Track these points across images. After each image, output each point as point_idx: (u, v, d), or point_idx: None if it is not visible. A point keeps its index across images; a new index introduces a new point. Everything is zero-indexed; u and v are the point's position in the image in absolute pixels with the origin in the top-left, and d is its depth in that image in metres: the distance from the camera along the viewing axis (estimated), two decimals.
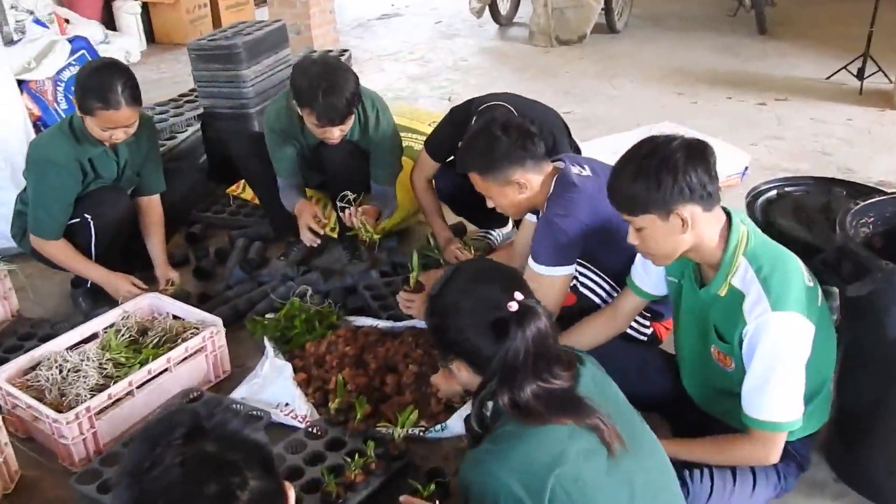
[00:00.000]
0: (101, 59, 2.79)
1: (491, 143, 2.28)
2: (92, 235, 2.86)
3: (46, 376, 2.36)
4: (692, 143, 1.72)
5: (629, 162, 1.75)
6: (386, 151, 3.12)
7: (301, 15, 6.36)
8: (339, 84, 2.70)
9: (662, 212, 1.72)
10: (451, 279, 1.58)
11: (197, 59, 3.90)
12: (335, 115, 2.73)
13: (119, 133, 2.71)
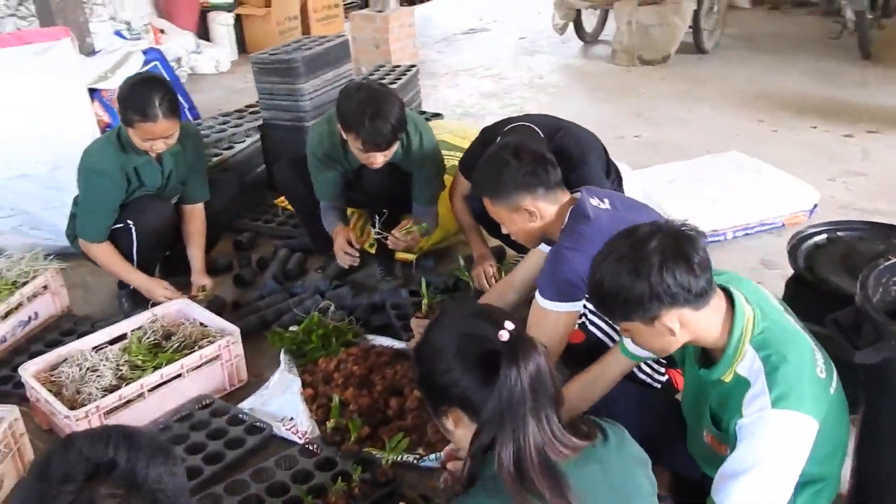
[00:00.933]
0: (140, 74, 2.92)
1: (500, 167, 2.23)
2: (134, 241, 2.99)
3: (68, 373, 2.49)
4: (673, 237, 1.58)
5: (605, 260, 1.63)
6: (429, 174, 3.11)
7: (380, 29, 6.47)
8: (385, 110, 2.70)
9: (645, 319, 1.60)
10: (436, 322, 1.49)
11: (259, 71, 4.03)
12: (381, 141, 2.74)
13: (159, 144, 2.83)
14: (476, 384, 1.36)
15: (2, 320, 2.91)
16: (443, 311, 1.55)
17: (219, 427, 2.44)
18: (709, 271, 1.58)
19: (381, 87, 2.80)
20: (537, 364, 1.35)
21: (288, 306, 3.02)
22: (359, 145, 2.74)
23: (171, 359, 2.56)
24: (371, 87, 2.77)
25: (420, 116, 3.16)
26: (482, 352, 1.36)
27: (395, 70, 5.04)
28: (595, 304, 1.72)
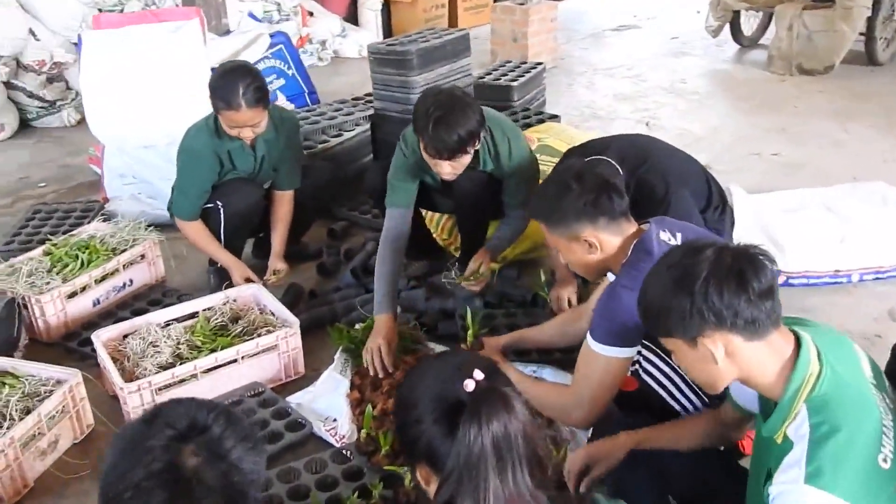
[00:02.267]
0: (230, 63, 2.96)
1: (560, 192, 2.03)
2: (221, 221, 3.07)
3: (133, 345, 2.58)
4: (733, 255, 1.41)
5: (654, 272, 1.50)
6: (520, 181, 2.95)
7: (519, 22, 6.31)
8: (454, 119, 2.55)
9: (686, 338, 1.44)
10: (413, 369, 1.41)
11: (374, 61, 4.03)
12: (443, 149, 2.59)
13: (246, 131, 2.87)
14: (440, 437, 1.25)
15: (97, 284, 3.08)
16: (422, 358, 1.44)
17: (263, 418, 2.44)
18: (769, 302, 1.40)
19: (461, 94, 2.65)
20: (504, 424, 1.22)
21: (360, 303, 2.99)
22: (423, 149, 2.64)
23: (228, 343, 2.60)
24: (449, 94, 2.63)
25: (511, 123, 3.00)
26: (448, 404, 1.25)
27: (519, 67, 4.91)
28: (640, 318, 1.55)
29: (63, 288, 2.94)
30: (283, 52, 4.36)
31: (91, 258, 3.11)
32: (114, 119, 3.85)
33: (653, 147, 2.89)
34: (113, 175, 3.97)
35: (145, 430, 1.14)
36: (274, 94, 4.29)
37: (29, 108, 5.45)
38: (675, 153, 2.94)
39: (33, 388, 2.39)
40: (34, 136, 5.40)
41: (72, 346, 2.89)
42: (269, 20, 6.54)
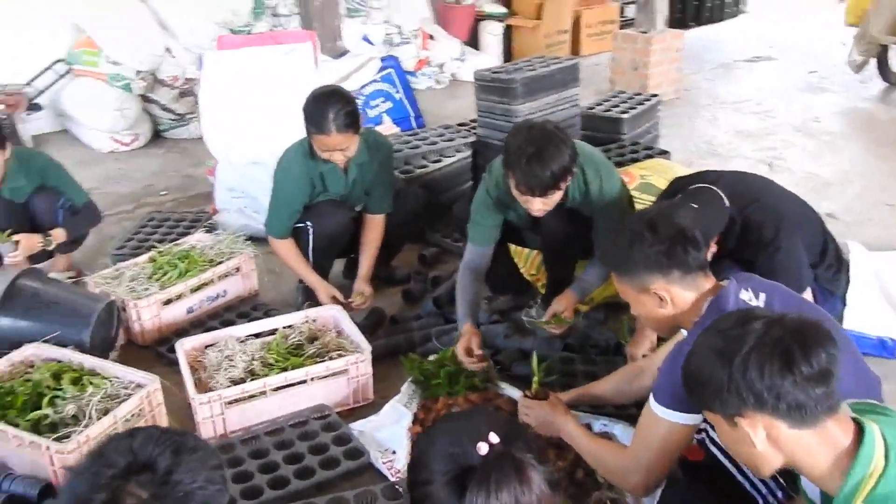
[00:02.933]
0: (323, 87, 3.01)
1: (632, 240, 1.91)
2: (310, 241, 3.13)
3: (211, 357, 2.66)
4: (786, 331, 1.29)
5: (703, 335, 1.39)
6: (610, 220, 2.84)
7: (641, 51, 6.14)
8: (547, 154, 2.48)
9: (724, 415, 1.33)
10: (430, 428, 1.39)
11: (479, 88, 4.01)
12: (535, 185, 2.52)
13: (336, 155, 2.92)
14: (447, 502, 1.19)
15: (192, 293, 3.21)
16: (444, 416, 1.38)
17: (323, 442, 2.45)
18: (822, 388, 1.26)
19: (553, 129, 2.57)
20: (515, 495, 1.15)
21: (437, 333, 2.95)
22: (514, 185, 2.57)
23: (300, 364, 2.63)
24: (542, 128, 2.56)
25: (604, 158, 2.89)
26: (459, 466, 1.20)
27: (633, 98, 4.76)
28: (682, 384, 1.44)
29: (159, 295, 3.09)
30: (393, 76, 4.43)
31: (189, 268, 3.24)
32: (226, 135, 4.02)
33: (767, 187, 2.69)
34: (223, 188, 4.15)
35: (85, 474, 1.12)
36: (380, 116, 4.37)
37: (162, 119, 5.82)
38: (791, 198, 2.73)
39: (115, 390, 2.50)
40: (164, 147, 5.75)
41: (162, 351, 3.02)
42: (390, 43, 6.70)
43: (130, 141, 5.65)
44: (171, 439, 1.17)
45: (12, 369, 2.62)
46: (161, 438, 1.17)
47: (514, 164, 2.50)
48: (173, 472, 1.12)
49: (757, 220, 2.44)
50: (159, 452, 1.14)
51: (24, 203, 3.35)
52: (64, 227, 3.39)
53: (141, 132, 5.71)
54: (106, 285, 3.13)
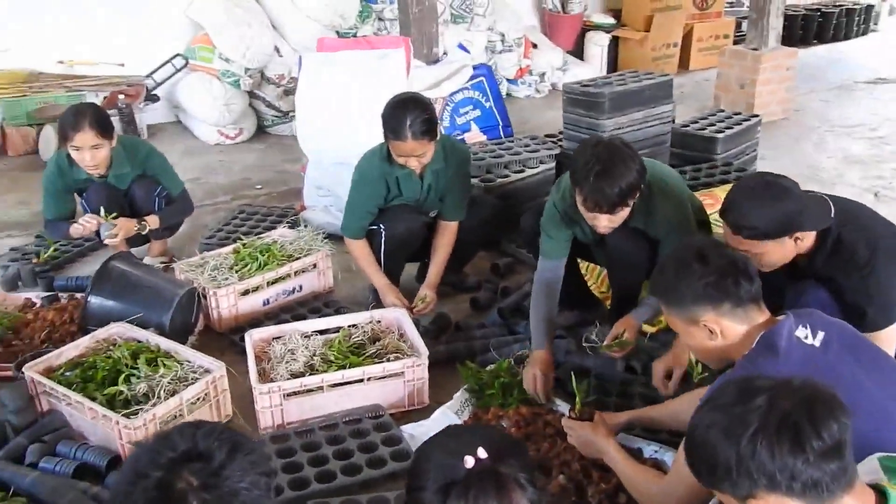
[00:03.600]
0: (402, 94, 3.06)
1: (680, 271, 1.87)
2: (382, 243, 3.20)
3: (275, 349, 2.77)
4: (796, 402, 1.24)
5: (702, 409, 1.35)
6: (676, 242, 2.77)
7: (749, 69, 5.91)
8: (615, 171, 2.46)
9: (736, 497, 1.28)
10: (438, 433, 1.41)
11: (567, 101, 3.99)
12: (602, 202, 2.50)
13: (412, 161, 2.97)
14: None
15: (269, 285, 3.34)
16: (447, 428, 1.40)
17: (374, 442, 2.50)
18: (835, 463, 1.20)
19: (621, 145, 2.53)
20: None
21: (497, 344, 2.96)
22: (581, 201, 2.55)
23: (358, 363, 2.69)
24: (610, 145, 2.53)
25: (677, 178, 2.82)
26: (447, 477, 1.23)
27: (732, 117, 4.60)
28: (687, 461, 1.39)
29: (238, 285, 3.23)
30: (484, 85, 4.45)
31: (268, 261, 3.38)
32: (317, 134, 4.16)
33: (867, 212, 2.53)
34: (312, 186, 4.29)
35: (148, 451, 1.19)
36: (468, 124, 4.41)
37: (266, 116, 6.07)
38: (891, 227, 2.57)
39: (185, 373, 2.64)
40: (265, 142, 6.00)
41: (236, 339, 3.15)
42: (492, 50, 6.72)
43: (235, 135, 5.93)
44: (231, 438, 1.22)
45: (97, 345, 2.81)
46: (223, 435, 1.22)
47: (582, 180, 2.48)
48: (225, 468, 1.17)
49: (852, 239, 2.31)
50: (217, 447, 1.19)
51: (126, 190, 3.58)
52: (158, 216, 3.61)
53: (245, 127, 5.98)
54: (190, 272, 3.31)
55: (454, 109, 4.36)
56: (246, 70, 5.79)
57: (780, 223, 2.25)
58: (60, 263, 3.87)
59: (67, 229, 3.51)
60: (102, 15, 5.85)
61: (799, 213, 2.26)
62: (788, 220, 2.25)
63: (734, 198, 2.33)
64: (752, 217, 2.26)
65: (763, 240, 2.27)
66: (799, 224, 2.26)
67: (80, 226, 3.46)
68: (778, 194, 2.26)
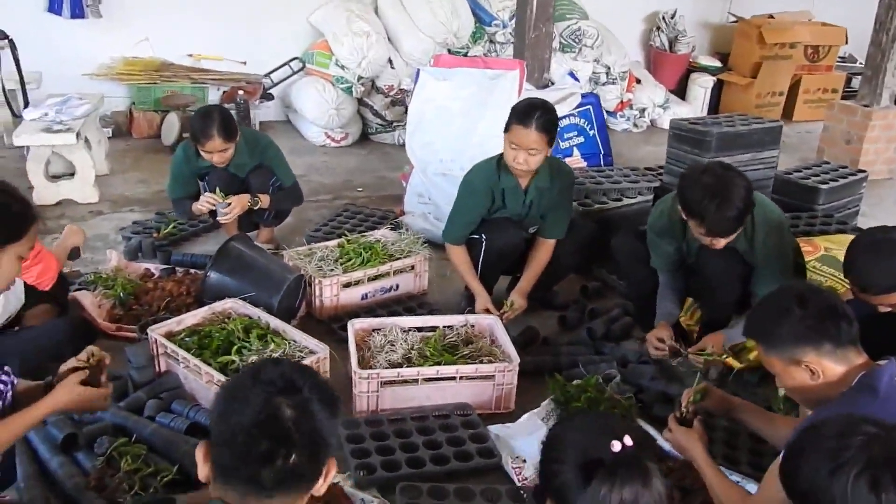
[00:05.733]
0: (532, 98, 3.25)
1: (781, 314, 1.95)
2: (482, 253, 3.34)
3: (376, 339, 2.93)
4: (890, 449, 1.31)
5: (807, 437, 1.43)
6: (772, 270, 2.85)
7: (858, 125, 5.84)
8: (731, 197, 2.60)
9: None
10: (574, 415, 1.52)
11: (673, 136, 4.06)
12: (725, 229, 2.67)
13: (521, 156, 3.11)
14: (574, 484, 1.33)
15: (369, 281, 3.52)
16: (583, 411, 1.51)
17: (461, 437, 2.62)
18: None
19: (726, 169, 2.67)
20: (636, 494, 1.28)
21: (584, 361, 3.05)
22: (702, 231, 2.67)
23: (452, 361, 2.83)
24: (716, 172, 2.65)
25: (779, 214, 2.91)
26: (591, 456, 1.33)
27: (838, 170, 4.58)
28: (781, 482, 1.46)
29: (341, 277, 3.42)
30: (590, 113, 4.56)
31: (371, 258, 3.56)
32: (425, 144, 4.35)
33: None
34: (413, 193, 4.48)
35: (249, 384, 1.32)
36: (571, 149, 4.52)
37: (371, 123, 6.33)
38: None
39: (291, 351, 2.82)
40: (368, 148, 6.25)
41: (335, 327, 3.33)
42: (596, 81, 6.83)
43: (341, 139, 6.20)
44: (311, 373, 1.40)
45: (213, 317, 3.03)
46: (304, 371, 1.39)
47: (702, 210, 2.62)
48: (312, 400, 1.33)
49: None
50: (304, 382, 1.35)
51: (244, 177, 3.84)
52: (271, 197, 3.85)
53: (351, 132, 6.25)
54: (299, 260, 3.52)
55: (559, 134, 4.46)
56: (359, 78, 6.06)
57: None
58: (178, 240, 4.15)
59: (190, 206, 3.79)
60: (231, 15, 6.25)
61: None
62: None
63: (854, 258, 2.43)
64: (874, 276, 2.37)
65: (890, 293, 2.35)
66: None
67: (200, 206, 3.73)
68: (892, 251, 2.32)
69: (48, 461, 2.35)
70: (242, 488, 1.29)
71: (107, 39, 6.06)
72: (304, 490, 1.34)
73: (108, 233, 4.36)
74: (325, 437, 1.33)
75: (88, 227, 4.41)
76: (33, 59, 5.66)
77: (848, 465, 1.29)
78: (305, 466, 1.31)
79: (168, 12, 6.10)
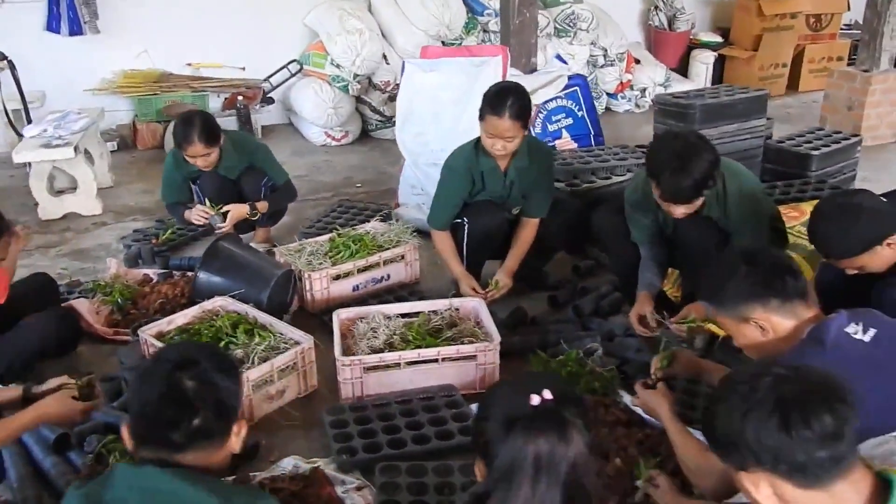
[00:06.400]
0: (503, 81, 3.25)
1: (727, 273, 1.99)
2: (465, 236, 3.37)
3: (360, 326, 2.98)
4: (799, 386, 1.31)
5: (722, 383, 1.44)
6: (747, 237, 2.84)
7: (858, 90, 5.76)
8: (690, 165, 2.61)
9: (733, 466, 1.36)
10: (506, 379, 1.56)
11: (658, 111, 4.06)
12: (678, 196, 2.67)
13: (498, 143, 3.13)
14: (497, 439, 1.37)
15: (359, 272, 3.57)
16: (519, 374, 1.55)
17: (444, 416, 2.66)
18: (826, 450, 1.26)
19: (697, 139, 2.67)
20: (552, 446, 1.30)
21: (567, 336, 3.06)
22: (658, 194, 2.68)
23: (434, 344, 2.87)
24: (687, 140, 2.67)
25: (753, 181, 2.91)
26: (512, 411, 1.36)
27: (831, 136, 4.53)
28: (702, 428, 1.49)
29: (330, 270, 3.47)
30: (577, 94, 4.57)
31: (360, 250, 3.61)
32: (415, 136, 4.39)
33: None
34: (406, 185, 4.52)
35: (153, 365, 1.58)
36: (559, 131, 4.53)
37: (371, 120, 6.39)
38: None
39: (277, 344, 2.89)
40: (369, 145, 6.32)
41: (326, 319, 3.38)
42: (594, 64, 6.81)
43: (341, 137, 6.27)
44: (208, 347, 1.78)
45: (203, 315, 3.10)
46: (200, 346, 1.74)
47: (658, 174, 2.62)
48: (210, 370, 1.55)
49: None
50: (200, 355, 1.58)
51: (235, 179, 3.91)
52: (267, 201, 3.93)
53: (351, 130, 6.32)
54: (289, 256, 3.58)
55: (546, 117, 4.49)
56: (355, 76, 6.12)
57: (862, 240, 2.34)
58: (177, 245, 4.24)
59: (184, 212, 3.88)
60: (228, 22, 6.34)
61: (879, 224, 2.31)
62: (869, 235, 2.33)
63: (812, 228, 2.44)
64: (833, 242, 2.37)
65: (852, 257, 2.34)
66: (882, 233, 2.31)
67: (194, 219, 3.81)
68: (853, 214, 2.32)
69: (41, 461, 2.44)
70: (158, 449, 1.50)
71: (106, 54, 6.19)
72: (216, 445, 1.54)
73: (110, 242, 4.47)
74: (224, 400, 1.54)
75: (92, 238, 4.56)
76: (36, 78, 5.83)
77: (758, 407, 1.30)
78: (212, 426, 1.52)
79: (165, 23, 6.21)
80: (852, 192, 2.47)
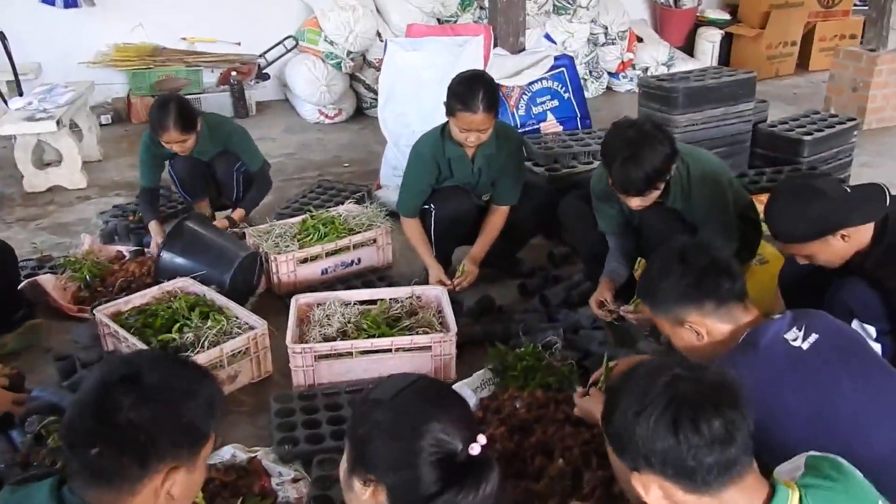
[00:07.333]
0: (471, 70, 3.17)
1: (662, 273, 1.89)
2: (432, 223, 3.30)
3: (316, 314, 2.93)
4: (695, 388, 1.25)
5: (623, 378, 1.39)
6: (713, 228, 2.74)
7: (864, 71, 5.56)
8: (642, 156, 2.50)
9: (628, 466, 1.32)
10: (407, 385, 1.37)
11: (642, 94, 3.94)
12: (629, 187, 2.57)
13: (472, 136, 3.05)
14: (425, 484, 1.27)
15: (328, 256, 3.52)
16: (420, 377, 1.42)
17: None
18: (714, 455, 1.21)
19: (654, 130, 2.56)
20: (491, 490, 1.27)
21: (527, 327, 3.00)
22: (611, 184, 2.60)
23: (389, 334, 2.81)
24: (642, 129, 2.55)
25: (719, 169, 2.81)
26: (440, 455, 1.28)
27: (827, 119, 4.38)
28: None
29: (297, 253, 3.42)
30: (564, 76, 4.44)
31: (329, 233, 3.55)
32: (396, 117, 4.31)
33: None
34: (388, 166, 4.45)
35: (88, 378, 1.35)
36: (545, 114, 4.42)
37: (365, 98, 6.30)
38: None
39: (230, 328, 2.85)
40: (361, 123, 6.24)
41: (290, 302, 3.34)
42: (595, 43, 6.66)
43: (334, 115, 6.19)
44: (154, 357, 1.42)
45: (161, 296, 3.08)
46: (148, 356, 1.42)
47: (610, 163, 2.54)
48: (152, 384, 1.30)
49: None
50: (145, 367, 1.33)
51: (208, 162, 3.86)
52: (243, 207, 3.89)
53: (345, 108, 6.24)
54: (258, 238, 3.54)
55: (531, 98, 4.37)
56: (348, 53, 6.03)
57: (815, 224, 2.22)
58: None
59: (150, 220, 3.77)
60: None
61: (835, 212, 2.20)
62: (823, 220, 2.21)
63: (768, 204, 2.31)
64: (783, 222, 2.26)
65: (802, 242, 2.23)
66: (838, 222, 2.20)
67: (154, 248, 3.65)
68: (809, 196, 2.20)
69: None
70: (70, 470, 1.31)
71: (102, 27, 6.15)
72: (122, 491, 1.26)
73: (90, 217, 4.47)
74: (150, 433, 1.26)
75: (74, 212, 4.56)
76: (31, 51, 5.82)
77: (651, 407, 1.25)
78: (109, 466, 1.25)
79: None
80: (816, 175, 2.36)
